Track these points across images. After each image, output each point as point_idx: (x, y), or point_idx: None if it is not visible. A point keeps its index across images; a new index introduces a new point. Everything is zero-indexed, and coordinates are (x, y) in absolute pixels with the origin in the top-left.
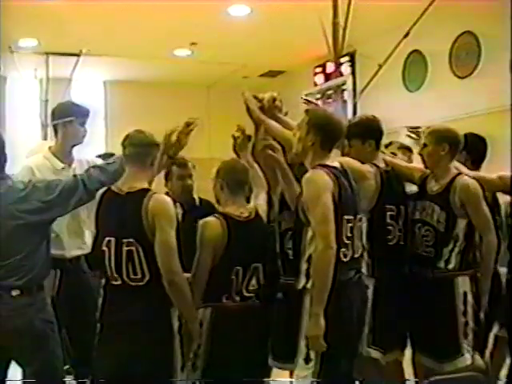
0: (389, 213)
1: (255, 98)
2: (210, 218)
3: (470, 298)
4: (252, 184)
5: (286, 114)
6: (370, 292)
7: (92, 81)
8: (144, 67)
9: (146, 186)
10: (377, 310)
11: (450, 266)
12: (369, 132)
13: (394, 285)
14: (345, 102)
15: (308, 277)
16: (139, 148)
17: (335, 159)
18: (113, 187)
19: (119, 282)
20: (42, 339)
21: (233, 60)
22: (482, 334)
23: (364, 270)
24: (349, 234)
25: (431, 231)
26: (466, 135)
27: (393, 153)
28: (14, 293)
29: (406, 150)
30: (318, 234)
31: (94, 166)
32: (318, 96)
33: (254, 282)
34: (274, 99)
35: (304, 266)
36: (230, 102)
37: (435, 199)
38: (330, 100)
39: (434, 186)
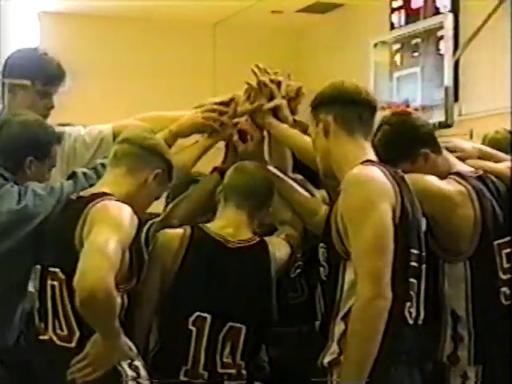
0: (504, 251)
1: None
2: (175, 229)
3: None
4: (274, 213)
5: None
6: None
7: (21, 12)
8: None
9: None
10: None
11: None
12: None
13: None
14: (441, 56)
15: (341, 345)
16: None
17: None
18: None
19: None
20: None
21: None
22: None
23: (463, 353)
24: (412, 280)
25: None
26: None
27: None
28: None
29: None
30: (362, 272)
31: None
32: (396, 47)
33: (227, 351)
34: (298, 91)
35: (339, 328)
36: (246, 47)
37: None
38: (415, 53)
39: None
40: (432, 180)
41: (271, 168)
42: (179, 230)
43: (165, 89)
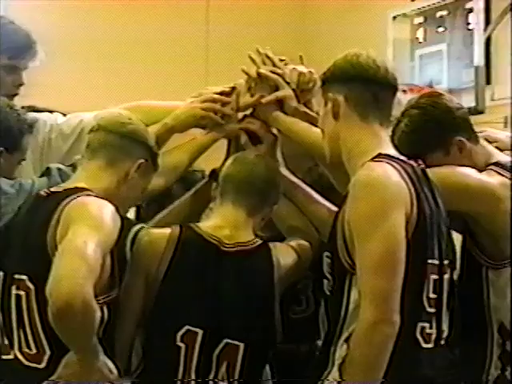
0: None
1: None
2: (160, 229)
3: None
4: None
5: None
6: None
7: None
8: None
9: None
10: None
11: None
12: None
13: None
14: (470, 32)
15: (342, 370)
16: None
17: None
18: None
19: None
20: None
21: None
22: None
23: None
24: (432, 295)
25: None
26: None
27: None
28: None
29: None
30: (366, 292)
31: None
32: (419, 20)
33: (222, 372)
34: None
35: (341, 352)
36: (243, 21)
37: None
38: (441, 28)
39: None
40: (469, 173)
41: (284, 172)
42: (166, 230)
43: (151, 68)
